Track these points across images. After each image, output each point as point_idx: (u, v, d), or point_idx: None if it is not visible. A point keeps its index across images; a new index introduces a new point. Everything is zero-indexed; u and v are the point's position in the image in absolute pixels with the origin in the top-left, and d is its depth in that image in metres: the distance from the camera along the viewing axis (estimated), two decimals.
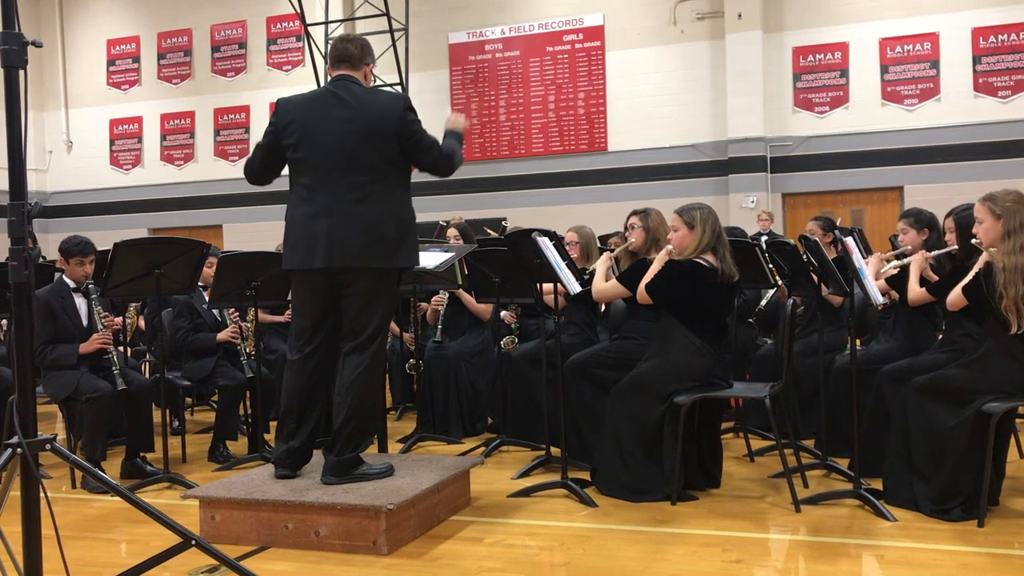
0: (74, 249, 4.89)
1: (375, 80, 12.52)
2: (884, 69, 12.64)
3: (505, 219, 12.92)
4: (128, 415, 4.86)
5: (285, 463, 3.85)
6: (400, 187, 3.80)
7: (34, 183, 15.93)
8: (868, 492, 3.85)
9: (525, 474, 4.57)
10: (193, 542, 2.66)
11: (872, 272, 4.16)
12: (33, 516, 2.43)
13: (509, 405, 5.33)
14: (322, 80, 12.62)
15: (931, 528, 3.59)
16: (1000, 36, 12.15)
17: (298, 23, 13.55)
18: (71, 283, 4.91)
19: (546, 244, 4.13)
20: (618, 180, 13.52)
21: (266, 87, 15.15)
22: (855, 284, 3.89)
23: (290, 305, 5.38)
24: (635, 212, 4.75)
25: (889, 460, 3.93)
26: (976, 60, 12.25)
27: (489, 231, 10.02)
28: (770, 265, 5.03)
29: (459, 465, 4.11)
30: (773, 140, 12.96)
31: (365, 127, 3.70)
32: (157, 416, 4.99)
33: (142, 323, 6.63)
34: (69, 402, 4.82)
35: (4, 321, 6.26)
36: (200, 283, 5.23)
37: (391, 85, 12.98)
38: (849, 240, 3.76)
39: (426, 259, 4.79)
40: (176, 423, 5.94)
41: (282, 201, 3.93)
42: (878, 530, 3.60)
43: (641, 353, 4.31)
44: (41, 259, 7.45)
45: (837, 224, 6.21)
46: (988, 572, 3.11)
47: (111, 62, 16.43)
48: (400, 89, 12.97)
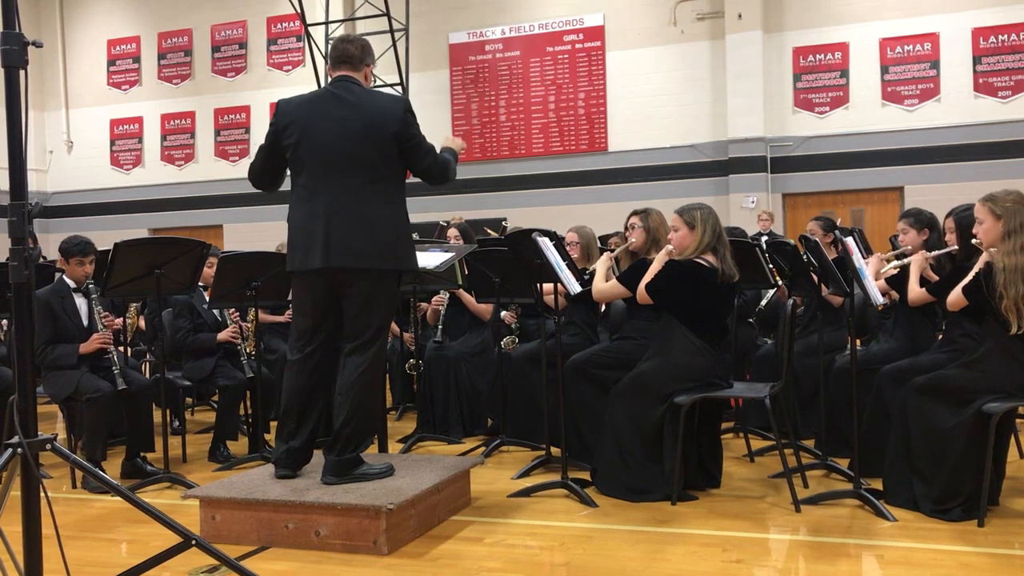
0: (74, 249, 4.90)
1: (375, 80, 12.52)
2: (884, 69, 12.64)
3: (505, 219, 12.92)
4: (128, 415, 4.86)
5: (285, 463, 3.85)
6: (398, 189, 3.81)
7: (34, 183, 15.93)
8: (868, 492, 3.85)
9: (525, 474, 4.57)
10: (193, 542, 2.67)
11: (872, 272, 4.16)
12: (33, 516, 2.43)
13: (509, 405, 5.33)
14: (322, 80, 12.62)
15: (931, 528, 3.59)
16: (1000, 36, 12.15)
17: (298, 23, 13.54)
18: (71, 283, 4.91)
19: (546, 244, 4.13)
20: (618, 180, 13.52)
21: (266, 87, 15.15)
22: (855, 284, 3.89)
23: (290, 305, 5.39)
24: (635, 212, 4.75)
25: (889, 460, 3.93)
26: (976, 60, 12.25)
27: (489, 231, 10.02)
28: (770, 265, 5.04)
29: (459, 465, 4.11)
30: (773, 140, 12.96)
31: (365, 128, 3.70)
32: (157, 416, 4.99)
33: (142, 323, 6.63)
34: (69, 402, 4.83)
35: (4, 321, 6.26)
36: (200, 283, 5.23)
37: (391, 85, 12.98)
38: (849, 240, 3.76)
39: (426, 259, 4.79)
40: (176, 423, 5.94)
41: (283, 201, 3.93)
42: (878, 530, 3.60)
43: (641, 353, 4.31)
44: (41, 259, 7.46)
45: (837, 224, 6.21)
46: (988, 572, 3.11)
47: (111, 62, 16.44)
48: (400, 89, 12.97)
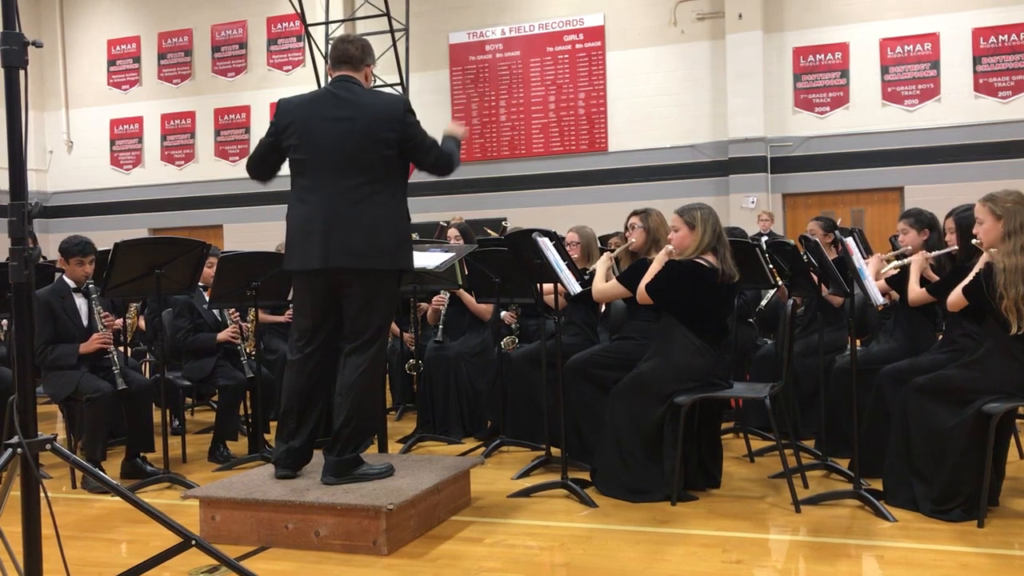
0: (74, 249, 4.90)
1: (375, 80, 12.51)
2: (884, 69, 12.64)
3: (505, 219, 12.92)
4: (128, 415, 4.86)
5: (285, 463, 3.85)
6: (398, 189, 3.81)
7: (34, 183, 15.93)
8: (868, 492, 3.85)
9: (525, 474, 4.57)
10: (193, 542, 2.67)
11: (872, 272, 4.16)
12: (33, 516, 2.43)
13: (509, 405, 5.33)
14: (323, 80, 12.62)
15: (931, 528, 3.59)
16: (1000, 36, 12.14)
17: (298, 23, 13.54)
18: (71, 283, 4.91)
19: (546, 244, 4.13)
20: (618, 180, 13.52)
21: (266, 87, 15.14)
22: (855, 284, 3.89)
23: (291, 305, 5.39)
24: (635, 212, 4.75)
25: (889, 460, 3.93)
26: (976, 60, 12.25)
27: (489, 231, 10.01)
28: (770, 265, 5.03)
29: (459, 465, 4.11)
30: (773, 140, 12.96)
31: (365, 128, 3.70)
32: (157, 416, 4.99)
33: (142, 323, 6.63)
34: (69, 402, 4.82)
35: (4, 321, 6.26)
36: (200, 283, 5.23)
37: (391, 85, 12.97)
38: (849, 240, 3.76)
39: (426, 259, 4.79)
40: (176, 423, 5.94)
41: (283, 201, 3.93)
42: (878, 530, 3.59)
43: (641, 353, 4.31)
44: (41, 259, 7.46)
45: (837, 224, 6.21)
46: (988, 572, 3.11)
47: (111, 62, 16.43)
48: (400, 89, 12.97)
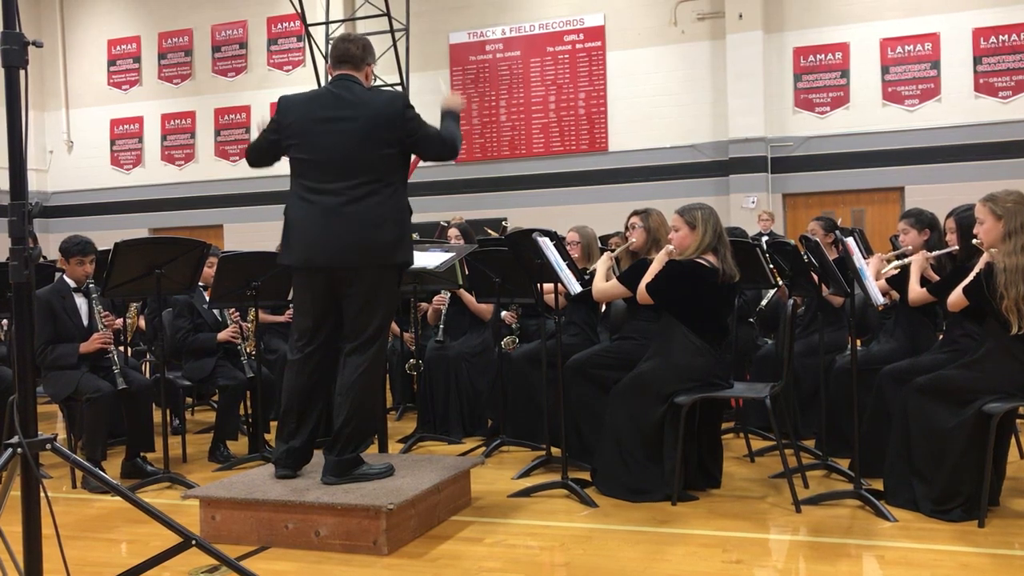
0: (74, 249, 4.90)
1: (376, 80, 12.50)
2: (885, 69, 12.63)
3: (506, 219, 12.91)
4: (128, 415, 4.86)
5: (285, 463, 3.85)
6: (398, 186, 3.81)
7: (35, 183, 15.92)
8: (868, 492, 3.85)
9: (525, 474, 4.57)
10: (193, 542, 2.67)
11: (873, 272, 4.16)
12: (33, 516, 2.43)
13: (509, 405, 5.33)
14: (323, 80, 12.61)
15: (931, 528, 3.59)
16: (1001, 36, 12.14)
17: (299, 23, 13.53)
18: (71, 283, 4.91)
19: (546, 244, 4.13)
20: (619, 180, 13.52)
21: (267, 87, 15.13)
22: (856, 284, 3.89)
23: (291, 305, 5.38)
24: (636, 212, 4.75)
25: (889, 460, 3.93)
26: (977, 60, 12.24)
27: (489, 231, 10.01)
28: (771, 265, 5.03)
29: (459, 465, 4.11)
30: (774, 140, 12.96)
31: (365, 127, 3.71)
32: (157, 416, 4.99)
33: (142, 323, 6.63)
34: (69, 402, 4.82)
35: (4, 321, 6.26)
36: (200, 283, 5.23)
37: (391, 85, 12.96)
38: (850, 240, 3.76)
39: (427, 259, 4.79)
40: (176, 423, 5.94)
41: (282, 201, 3.93)
42: (878, 530, 3.59)
43: (641, 353, 4.30)
44: (41, 259, 7.45)
45: (838, 224, 6.20)
46: (988, 572, 3.11)
47: (112, 62, 16.43)
48: (400, 89, 12.96)
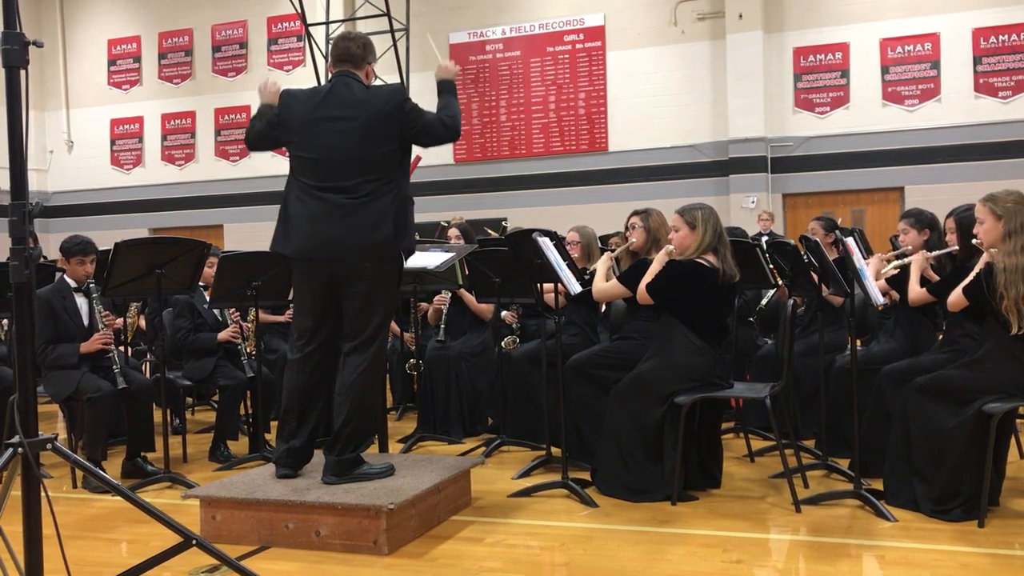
0: (75, 249, 4.90)
1: (376, 79, 12.51)
2: (885, 70, 12.63)
3: (506, 219, 12.91)
4: (129, 415, 4.86)
5: (286, 463, 3.85)
6: (399, 182, 3.81)
7: (35, 183, 15.92)
8: (868, 492, 3.85)
9: (525, 474, 4.57)
10: (194, 542, 2.66)
11: (872, 272, 4.16)
12: (34, 516, 2.43)
13: (509, 405, 5.33)
14: (323, 80, 12.62)
15: (931, 528, 3.59)
16: (1001, 36, 12.14)
17: (299, 23, 13.53)
18: (72, 283, 4.91)
19: (547, 244, 4.13)
20: (619, 180, 13.51)
21: None
22: (855, 284, 3.89)
23: (291, 305, 5.38)
24: (636, 212, 4.75)
25: (889, 460, 3.93)
26: (977, 61, 12.24)
27: (490, 231, 10.01)
28: (771, 265, 5.03)
29: (459, 465, 4.11)
30: (774, 140, 12.96)
31: (365, 126, 3.72)
32: (158, 416, 4.99)
33: (143, 323, 6.63)
34: (70, 402, 4.82)
35: (5, 321, 6.26)
36: (201, 283, 5.23)
37: None
38: (850, 240, 3.76)
39: (427, 259, 4.79)
40: (177, 423, 5.94)
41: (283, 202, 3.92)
42: (878, 530, 3.60)
43: (641, 353, 4.30)
44: (42, 259, 7.45)
45: (838, 224, 6.21)
46: (988, 572, 3.11)
47: (112, 62, 16.43)
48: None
